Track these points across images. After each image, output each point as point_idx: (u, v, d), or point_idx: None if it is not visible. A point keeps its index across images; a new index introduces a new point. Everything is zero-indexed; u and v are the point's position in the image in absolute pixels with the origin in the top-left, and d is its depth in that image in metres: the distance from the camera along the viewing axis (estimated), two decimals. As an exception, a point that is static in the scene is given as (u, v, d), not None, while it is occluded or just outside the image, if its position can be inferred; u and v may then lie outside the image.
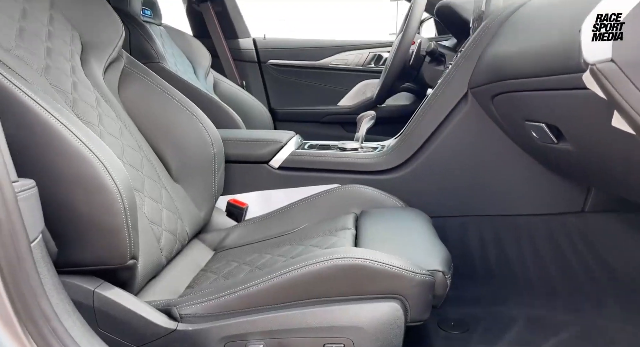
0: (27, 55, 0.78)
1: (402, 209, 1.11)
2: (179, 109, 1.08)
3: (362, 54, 2.18)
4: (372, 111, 1.37)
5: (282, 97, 2.20)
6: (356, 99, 2.23)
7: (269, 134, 1.30)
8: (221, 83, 1.92)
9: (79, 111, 0.83)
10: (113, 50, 1.02)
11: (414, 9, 1.52)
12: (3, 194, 0.49)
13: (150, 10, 1.66)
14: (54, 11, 0.91)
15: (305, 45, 2.20)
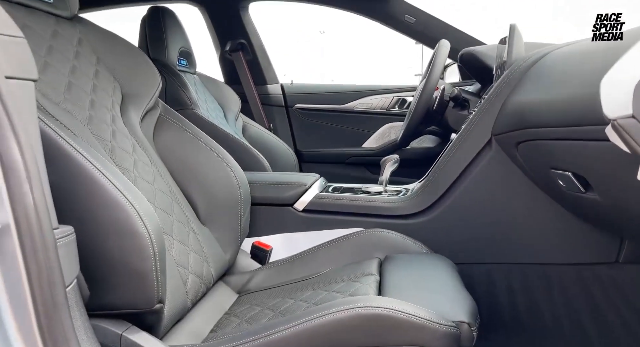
0: (73, 108, 0.84)
1: (427, 255, 1.09)
2: (208, 153, 1.12)
3: (386, 98, 2.22)
4: (395, 155, 1.39)
5: (308, 140, 2.25)
6: (380, 141, 2.26)
7: (293, 177, 1.33)
8: (250, 126, 1.99)
9: (116, 158, 0.88)
10: (150, 100, 1.08)
11: (437, 56, 1.56)
12: (44, 240, 0.52)
13: (185, 60, 1.77)
14: (99, 66, 0.99)
15: (331, 90, 2.27)
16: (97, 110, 0.90)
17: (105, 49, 1.03)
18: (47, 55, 0.84)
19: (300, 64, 11.97)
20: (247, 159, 1.56)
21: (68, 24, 0.95)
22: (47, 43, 0.85)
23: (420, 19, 1.97)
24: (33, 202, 0.52)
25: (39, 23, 0.85)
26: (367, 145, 2.26)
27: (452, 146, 1.17)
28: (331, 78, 31.65)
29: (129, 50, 1.09)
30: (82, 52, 0.95)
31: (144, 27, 1.64)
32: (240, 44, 2.05)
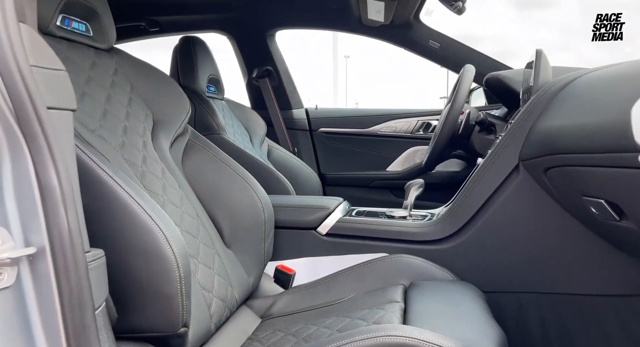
0: (108, 134, 0.88)
1: (453, 282, 1.07)
2: (234, 177, 1.15)
3: (411, 122, 2.22)
4: (420, 179, 1.38)
5: (332, 163, 2.26)
6: (405, 164, 2.25)
7: (317, 200, 1.33)
8: (275, 150, 2.02)
9: (146, 182, 0.91)
10: (180, 126, 1.12)
11: (462, 81, 1.56)
12: (77, 263, 0.54)
13: (214, 87, 1.83)
14: (133, 94, 1.03)
15: (355, 114, 2.29)
16: (130, 136, 0.94)
17: (139, 77, 1.08)
18: (85, 85, 0.88)
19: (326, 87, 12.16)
20: (272, 183, 1.58)
21: (105, 55, 1.00)
22: (86, 74, 0.90)
23: (444, 44, 1.98)
24: (67, 226, 0.54)
25: (80, 55, 0.91)
26: (392, 168, 2.25)
27: (479, 171, 1.15)
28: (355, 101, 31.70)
29: (161, 78, 1.13)
30: (117, 81, 1.00)
31: (176, 55, 1.71)
32: (266, 71, 2.10)
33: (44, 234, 0.53)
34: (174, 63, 1.71)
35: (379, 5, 1.59)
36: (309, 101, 2.35)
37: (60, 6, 0.85)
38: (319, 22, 2.00)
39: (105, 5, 0.98)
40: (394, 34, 1.97)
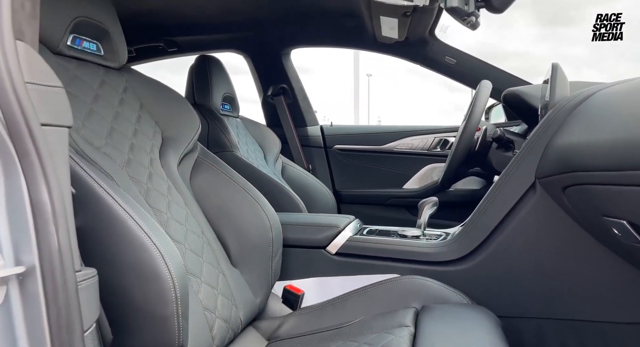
0: (113, 152, 0.88)
1: (468, 306, 1.01)
2: (242, 194, 1.13)
3: (428, 139, 2.18)
4: (434, 197, 1.33)
5: (347, 180, 2.24)
6: (422, 182, 2.20)
7: (327, 219, 1.30)
8: (289, 167, 2.02)
9: (150, 199, 0.91)
10: (189, 144, 1.12)
11: (478, 97, 1.52)
12: (66, 283, 0.53)
13: (229, 105, 1.85)
14: (142, 112, 1.04)
15: (370, 130, 2.27)
16: (136, 154, 0.94)
17: (149, 95, 1.09)
18: (93, 102, 0.89)
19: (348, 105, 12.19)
20: (283, 200, 1.56)
21: (116, 73, 1.02)
22: (94, 92, 0.91)
23: (461, 60, 1.95)
24: (57, 244, 0.53)
25: (89, 74, 0.92)
26: (408, 186, 2.21)
27: (493, 189, 1.10)
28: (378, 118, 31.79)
29: (172, 96, 1.14)
30: (126, 99, 1.01)
31: (192, 74, 1.74)
32: (281, 89, 2.12)
33: (34, 252, 0.53)
34: (189, 81, 1.74)
35: (392, 22, 1.58)
36: (324, 119, 2.35)
37: (71, 27, 0.87)
38: (333, 40, 2.01)
39: (117, 25, 1.00)
40: (409, 51, 1.95)
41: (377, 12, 1.53)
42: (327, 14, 1.81)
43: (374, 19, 1.62)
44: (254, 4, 1.75)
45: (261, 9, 1.79)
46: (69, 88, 0.85)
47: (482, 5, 1.14)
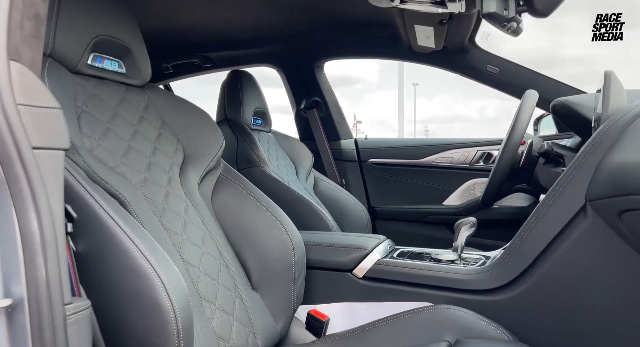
0: (129, 171, 0.86)
1: (507, 343, 0.90)
2: (263, 212, 1.09)
3: (469, 152, 2.06)
4: (472, 218, 1.23)
5: (382, 196, 2.15)
6: (464, 198, 2.07)
7: (354, 240, 1.23)
8: (321, 182, 1.96)
9: (165, 220, 0.88)
10: (211, 161, 1.09)
11: (522, 108, 1.41)
12: (53, 317, 0.49)
13: (261, 119, 1.83)
14: (163, 129, 1.03)
15: (407, 144, 2.18)
16: (153, 173, 0.92)
17: (171, 112, 1.08)
18: (111, 121, 0.88)
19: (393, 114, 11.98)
20: (312, 218, 1.51)
21: (138, 91, 1.01)
22: (113, 110, 0.90)
23: (504, 68, 1.83)
24: (45, 276, 0.50)
25: (108, 92, 0.92)
26: (449, 202, 2.09)
27: (538, 211, 0.99)
28: (426, 128, 31.14)
29: (195, 113, 1.13)
30: (147, 116, 1.00)
31: (223, 89, 1.74)
32: (314, 102, 2.08)
33: (23, 284, 0.50)
34: (221, 97, 1.74)
35: (427, 30, 1.50)
36: (361, 133, 2.28)
37: (91, 45, 0.87)
38: (367, 51, 1.95)
39: (140, 42, 1.00)
40: (448, 60, 1.86)
41: (411, 21, 1.46)
42: (360, 25, 1.76)
43: (408, 29, 1.54)
44: (285, 18, 1.73)
45: (292, 22, 1.77)
46: (85, 107, 0.84)
47: (524, 10, 1.04)
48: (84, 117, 0.83)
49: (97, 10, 0.89)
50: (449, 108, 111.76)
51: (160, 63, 2.09)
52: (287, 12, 1.69)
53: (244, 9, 1.65)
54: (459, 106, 49.83)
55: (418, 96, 13.82)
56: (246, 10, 1.65)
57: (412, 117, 23.85)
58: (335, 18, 1.72)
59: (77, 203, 0.65)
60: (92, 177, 0.76)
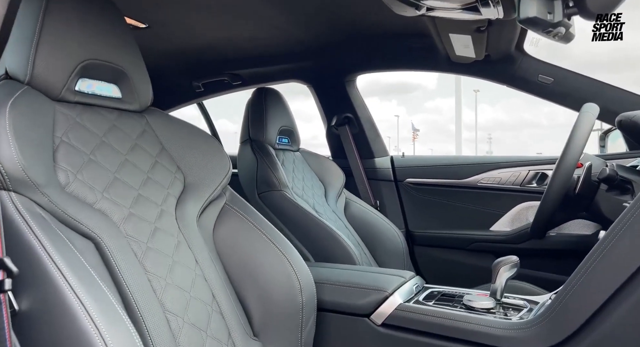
0: (110, 206, 0.79)
1: None
2: (270, 247, 0.98)
3: (520, 172, 1.83)
4: (514, 257, 1.04)
5: (421, 219, 1.97)
6: (515, 224, 1.84)
7: (375, 277, 1.09)
8: (353, 204, 1.83)
9: (148, 262, 0.79)
10: (215, 189, 1.01)
11: (578, 124, 1.20)
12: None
13: (287, 138, 1.74)
14: (160, 157, 0.95)
15: (449, 162, 1.98)
16: (141, 207, 0.85)
17: (173, 138, 1.00)
18: (95, 151, 0.82)
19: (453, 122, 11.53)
20: (333, 248, 1.38)
21: (134, 116, 0.95)
22: (99, 139, 0.84)
23: (559, 78, 1.61)
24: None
25: (95, 120, 0.85)
26: (498, 228, 1.87)
27: (600, 248, 0.79)
28: (489, 135, 29.92)
29: (199, 138, 1.05)
30: (141, 144, 0.93)
31: (248, 108, 1.67)
32: (346, 118, 1.96)
33: None
34: (245, 116, 1.67)
35: (464, 39, 1.34)
36: (397, 150, 2.11)
37: (77, 71, 0.81)
38: (401, 62, 1.80)
39: (137, 65, 0.93)
40: (492, 70, 1.66)
41: (445, 30, 1.30)
42: (391, 36, 1.63)
43: (443, 38, 1.39)
44: (312, 33, 1.64)
45: (320, 37, 1.67)
46: (65, 138, 0.78)
47: (574, 12, 0.85)
48: (63, 149, 0.77)
49: (89, 34, 0.83)
50: (514, 114, 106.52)
51: (191, 82, 2.07)
52: (313, 27, 1.59)
53: (269, 26, 1.58)
54: (525, 112, 47.05)
55: (480, 102, 13.18)
56: (271, 26, 1.58)
57: (473, 124, 22.86)
58: (365, 30, 1.60)
59: (25, 253, 0.58)
60: (61, 218, 0.69)
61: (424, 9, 1.06)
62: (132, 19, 1.47)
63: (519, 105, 34.20)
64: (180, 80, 2.09)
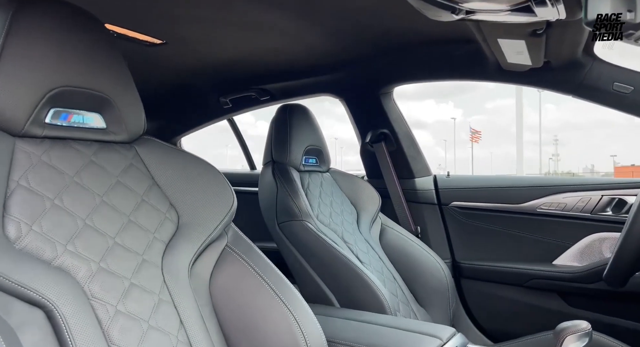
0: (74, 262, 0.67)
1: None
2: (272, 301, 0.83)
3: (591, 197, 1.55)
4: (584, 323, 0.81)
5: (470, 249, 1.73)
6: (585, 258, 1.56)
7: (404, 337, 0.90)
8: (389, 231, 1.63)
9: (114, 331, 0.66)
10: (215, 229, 0.87)
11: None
12: None
13: (315, 158, 1.58)
14: (149, 195, 0.83)
15: (502, 183, 1.73)
16: (115, 258, 0.72)
17: (167, 170, 0.88)
18: (60, 196, 0.70)
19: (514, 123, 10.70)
20: (360, 292, 1.20)
21: (120, 149, 0.83)
22: (69, 180, 0.73)
23: (640, 85, 1.32)
24: None
25: (65, 157, 0.74)
26: (563, 262, 1.59)
27: None
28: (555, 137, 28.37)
29: (198, 168, 0.92)
30: (125, 181, 0.81)
31: (271, 128, 1.53)
32: (382, 134, 1.76)
33: None
34: (269, 136, 1.53)
35: (518, 45, 1.11)
36: (439, 168, 1.88)
37: (46, 100, 0.71)
38: (442, 72, 1.58)
39: (125, 89, 0.82)
40: (554, 79, 1.41)
41: (493, 35, 1.09)
42: (430, 43, 1.43)
43: (491, 44, 1.17)
44: (342, 44, 1.48)
45: (350, 47, 1.51)
46: (23, 181, 0.68)
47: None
48: (18, 195, 0.66)
49: (61, 57, 0.73)
50: (584, 113, 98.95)
51: (219, 98, 1.98)
52: (342, 38, 1.43)
53: (294, 39, 1.44)
54: (598, 110, 42.55)
55: (545, 102, 12.17)
56: (297, 39, 1.44)
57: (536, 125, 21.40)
58: (398, 38, 1.41)
59: None
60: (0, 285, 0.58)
61: (463, 13, 0.87)
62: (147, 35, 1.39)
63: (589, 103, 31.35)
64: (208, 96, 2.01)
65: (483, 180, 1.79)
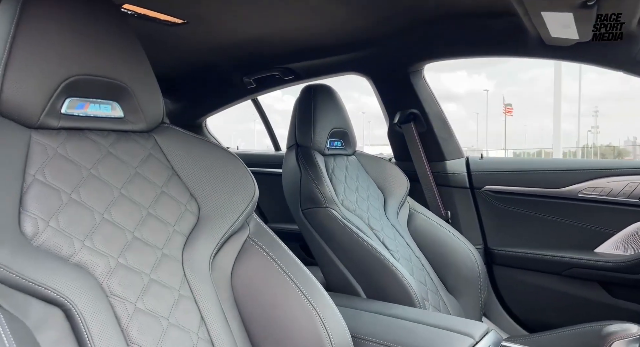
0: (93, 258, 0.66)
1: None
2: (294, 296, 0.80)
3: (636, 181, 1.44)
4: (634, 327, 0.75)
5: (504, 235, 1.65)
6: (630, 247, 1.46)
7: (434, 335, 0.85)
8: (418, 215, 1.57)
9: (133, 329, 0.65)
10: (237, 220, 0.84)
11: None
12: None
13: (340, 140, 1.52)
14: (169, 185, 0.80)
15: (539, 167, 1.63)
16: (135, 253, 0.70)
17: (187, 160, 0.85)
18: (77, 190, 0.68)
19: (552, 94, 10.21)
20: (387, 282, 1.15)
21: (138, 138, 0.81)
22: (86, 172, 0.71)
23: None
24: None
25: (83, 148, 0.72)
26: (605, 250, 1.50)
27: None
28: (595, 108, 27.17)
29: (219, 157, 0.88)
30: (143, 173, 0.78)
31: (295, 110, 1.48)
32: (411, 114, 1.68)
33: None
34: (293, 118, 1.48)
35: (564, 17, 1.00)
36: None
37: (61, 89, 0.68)
38: (478, 48, 1.47)
39: (143, 76, 0.79)
40: (604, 54, 1.28)
41: (535, 8, 0.99)
42: (465, 16, 1.32)
43: (533, 17, 1.06)
44: (369, 20, 1.39)
45: (378, 24, 1.42)
46: (40, 175, 0.66)
47: None
48: (34, 190, 0.64)
49: (75, 45, 0.69)
50: (627, 82, 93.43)
51: (242, 78, 1.93)
52: (373, 12, 1.34)
53: (320, 15, 1.36)
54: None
55: (585, 72, 11.29)
56: (323, 16, 1.36)
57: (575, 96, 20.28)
58: (429, 12, 1.31)
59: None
60: (15, 284, 0.56)
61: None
62: (169, 15, 1.35)
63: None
64: (231, 76, 1.96)
65: (519, 163, 1.69)
